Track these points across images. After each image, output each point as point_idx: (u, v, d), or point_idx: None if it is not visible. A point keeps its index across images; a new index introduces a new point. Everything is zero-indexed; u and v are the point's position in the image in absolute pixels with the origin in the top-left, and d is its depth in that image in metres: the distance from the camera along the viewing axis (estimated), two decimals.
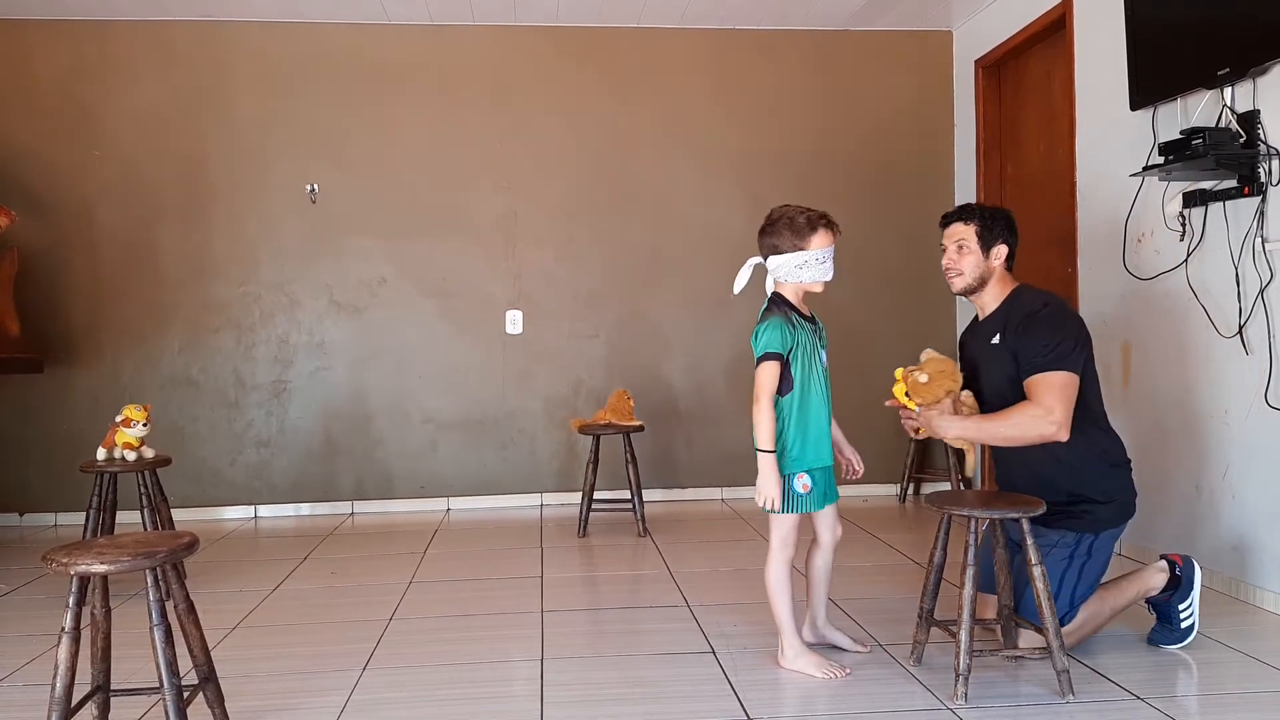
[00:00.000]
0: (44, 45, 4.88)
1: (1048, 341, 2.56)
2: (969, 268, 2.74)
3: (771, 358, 2.50)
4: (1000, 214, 2.78)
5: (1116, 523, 2.66)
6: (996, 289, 2.77)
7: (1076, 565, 2.61)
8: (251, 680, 2.60)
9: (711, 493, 5.22)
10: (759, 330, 2.54)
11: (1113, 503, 2.65)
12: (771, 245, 2.56)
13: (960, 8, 4.96)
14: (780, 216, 2.57)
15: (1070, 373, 2.55)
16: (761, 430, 2.48)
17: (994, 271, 2.75)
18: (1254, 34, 2.98)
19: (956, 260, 2.76)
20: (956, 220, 2.78)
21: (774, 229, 2.56)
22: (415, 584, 3.58)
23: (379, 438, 5.07)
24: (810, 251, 2.52)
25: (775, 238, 2.55)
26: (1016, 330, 2.64)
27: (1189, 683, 2.51)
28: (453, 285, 5.11)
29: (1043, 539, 2.61)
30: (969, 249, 2.74)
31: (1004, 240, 2.74)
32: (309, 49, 5.01)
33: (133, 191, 4.93)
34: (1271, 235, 3.03)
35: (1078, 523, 2.62)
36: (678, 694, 2.45)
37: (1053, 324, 2.60)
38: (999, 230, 2.74)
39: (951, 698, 2.34)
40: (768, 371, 2.50)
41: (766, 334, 2.52)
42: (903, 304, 5.19)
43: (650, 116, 5.19)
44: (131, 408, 3.57)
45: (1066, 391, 2.54)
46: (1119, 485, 2.67)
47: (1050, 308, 2.65)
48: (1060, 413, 2.51)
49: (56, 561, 1.99)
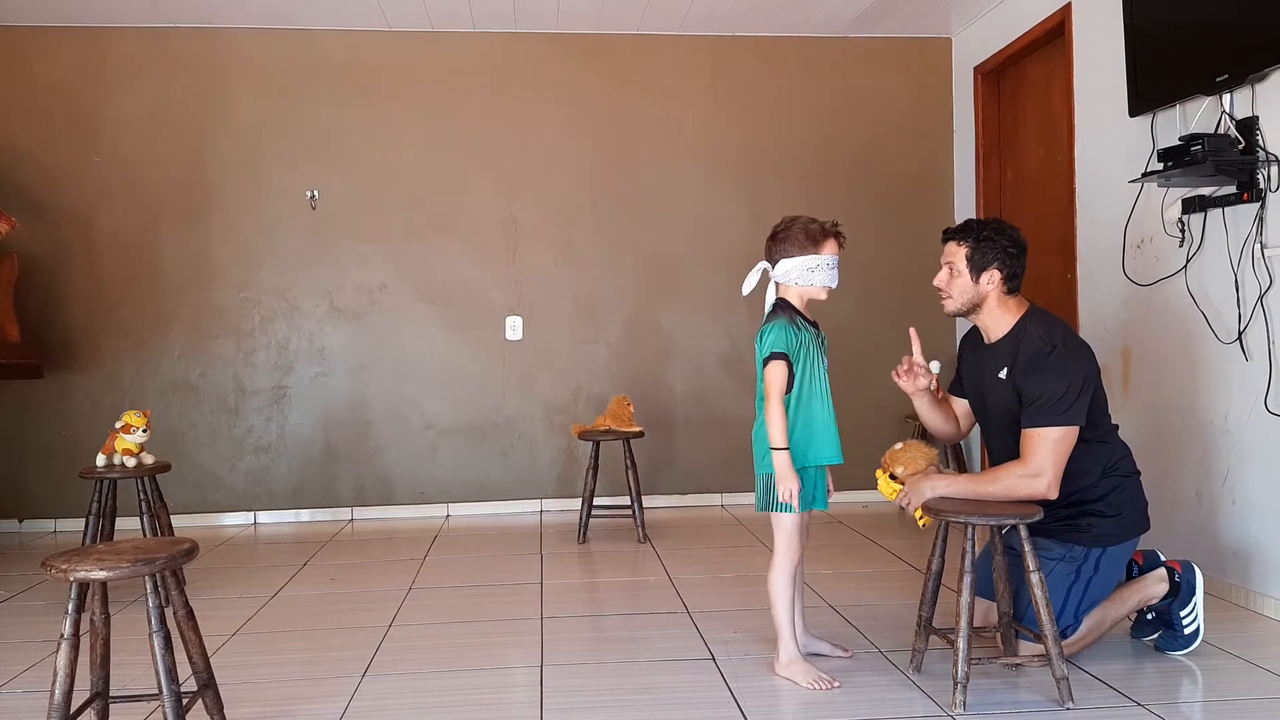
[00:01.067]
0: (44, 51, 4.89)
1: (1051, 393, 2.47)
2: (957, 292, 2.64)
3: (778, 357, 2.52)
4: (999, 235, 2.61)
5: (1125, 537, 2.62)
6: (999, 314, 2.65)
7: (1083, 580, 2.59)
8: (251, 687, 2.59)
9: (711, 499, 5.22)
10: (764, 332, 2.57)
11: (1120, 516, 2.60)
12: (783, 250, 2.58)
13: (959, 14, 4.97)
14: (794, 221, 2.61)
15: (1068, 426, 2.47)
16: (775, 428, 2.50)
17: (986, 296, 2.63)
18: (1253, 40, 2.98)
19: (947, 283, 2.66)
20: (951, 239, 2.67)
21: (787, 233, 2.58)
22: (415, 590, 3.58)
23: (379, 443, 5.07)
24: (822, 256, 2.56)
25: (788, 243, 2.58)
26: (1023, 372, 2.54)
27: (1189, 689, 2.51)
28: (453, 291, 5.11)
29: (1049, 552, 2.60)
30: (959, 272, 2.63)
31: (998, 265, 2.59)
32: (309, 55, 5.02)
33: (133, 197, 4.94)
34: (1270, 241, 3.04)
35: (1084, 537, 2.58)
36: (677, 701, 2.44)
37: (1057, 372, 2.48)
38: (993, 254, 2.59)
39: (950, 705, 2.34)
40: (777, 370, 2.52)
41: (772, 335, 2.54)
42: (902, 310, 5.17)
43: (650, 123, 5.20)
44: (131, 413, 3.58)
45: (1061, 447, 2.47)
46: (1127, 498, 2.62)
47: (1058, 351, 2.51)
48: (1052, 472, 2.46)
49: (56, 568, 1.99)
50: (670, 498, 5.19)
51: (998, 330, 2.67)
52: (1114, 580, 2.65)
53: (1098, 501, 2.60)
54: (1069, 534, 2.61)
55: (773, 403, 2.51)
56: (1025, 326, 2.62)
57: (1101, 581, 2.61)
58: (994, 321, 2.67)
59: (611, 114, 5.18)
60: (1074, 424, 2.48)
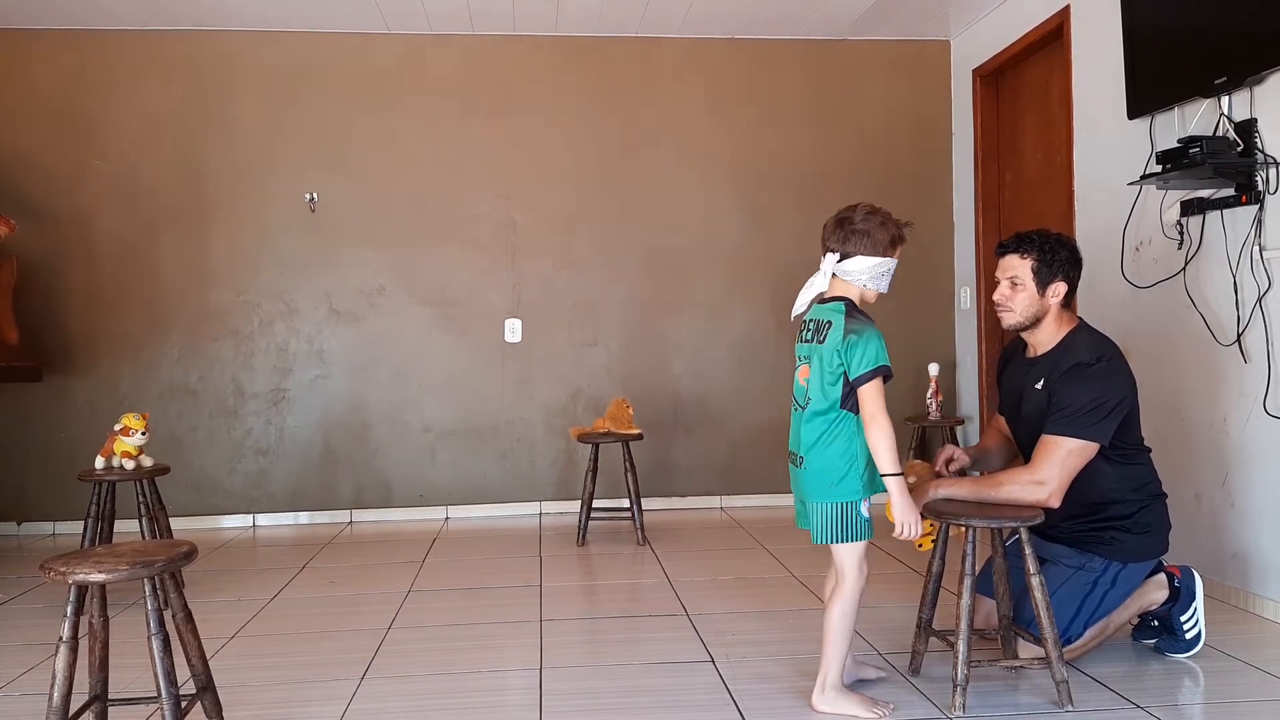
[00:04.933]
0: (44, 54, 4.89)
1: (1080, 404, 2.42)
2: (1021, 305, 2.56)
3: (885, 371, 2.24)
4: (1063, 246, 2.56)
5: (1148, 556, 2.60)
6: (1052, 328, 2.59)
7: (1099, 592, 2.57)
8: (250, 689, 2.59)
9: (710, 501, 5.21)
10: (858, 341, 2.23)
11: (1147, 534, 2.58)
12: (861, 245, 2.28)
13: (958, 17, 4.97)
14: (876, 213, 2.31)
15: (1087, 441, 2.42)
16: (890, 452, 2.24)
17: (1050, 309, 2.57)
18: (1251, 43, 2.99)
19: (1009, 297, 2.57)
20: (1012, 252, 2.58)
21: (872, 227, 2.28)
22: (414, 593, 3.58)
23: (378, 446, 5.07)
24: (894, 260, 2.33)
25: (870, 238, 2.28)
26: (1059, 380, 2.49)
27: (1189, 692, 2.51)
28: (452, 294, 5.11)
29: (1070, 560, 2.59)
30: (1023, 285, 2.55)
31: (1063, 277, 2.54)
32: (308, 58, 5.02)
33: (132, 200, 4.93)
34: (1269, 243, 3.04)
35: (1108, 550, 2.57)
36: (676, 703, 2.44)
37: (1092, 385, 2.43)
38: (1059, 266, 2.53)
39: (950, 708, 2.33)
40: (881, 388, 2.24)
41: (875, 344, 2.24)
42: (902, 313, 5.19)
43: (649, 125, 5.20)
44: (130, 416, 3.57)
45: (1072, 460, 2.42)
46: (1155, 517, 2.60)
47: (1099, 366, 2.46)
48: (1056, 482, 2.42)
49: (54, 570, 1.99)
50: (669, 500, 5.18)
51: (1047, 344, 2.61)
52: (1127, 596, 2.63)
53: (1125, 519, 2.57)
54: (1089, 544, 2.59)
55: (885, 423, 2.23)
56: (1073, 339, 2.57)
57: (1116, 596, 2.60)
58: (1047, 336, 2.61)
59: (611, 116, 5.18)
60: (1093, 440, 2.43)
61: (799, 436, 2.35)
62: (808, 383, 2.34)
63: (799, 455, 2.35)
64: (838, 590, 2.34)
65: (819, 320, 2.34)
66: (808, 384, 2.34)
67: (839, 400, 2.28)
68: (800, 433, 2.34)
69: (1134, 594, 2.70)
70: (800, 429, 2.34)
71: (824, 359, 2.28)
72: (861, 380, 2.23)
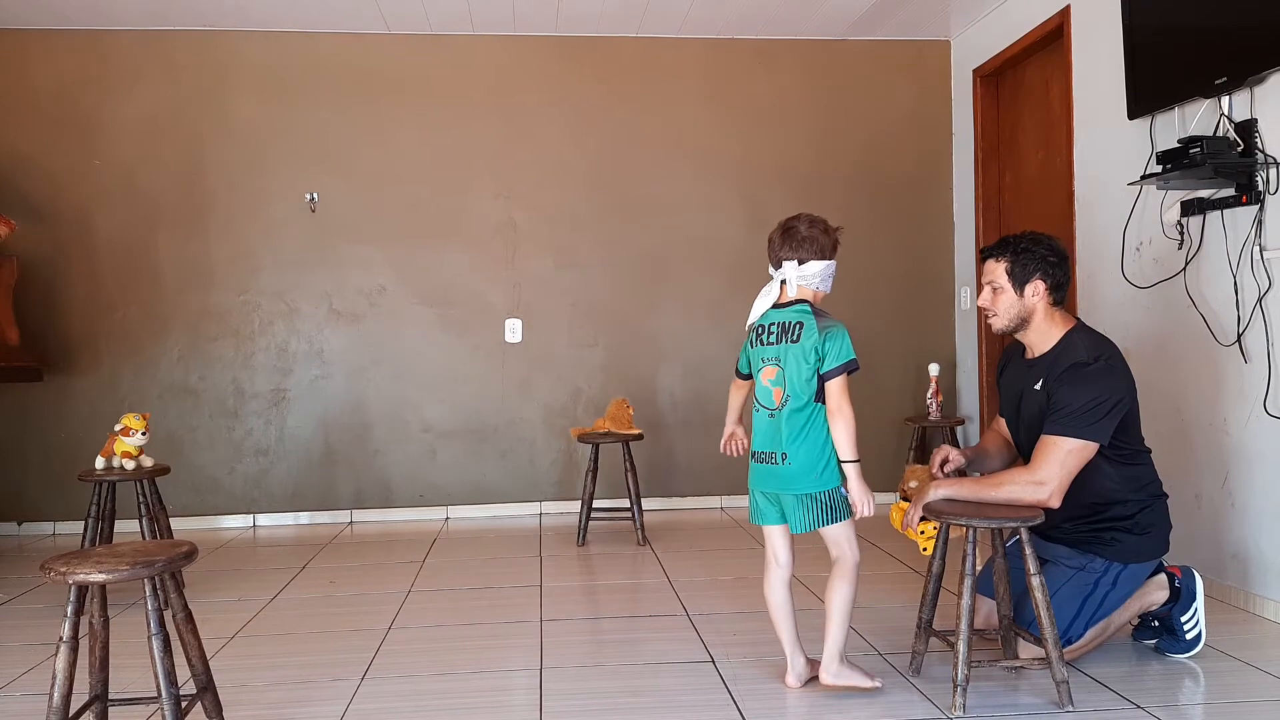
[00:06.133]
0: (43, 54, 4.89)
1: (1078, 404, 2.43)
2: (1003, 309, 2.59)
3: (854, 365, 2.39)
4: (1037, 246, 2.57)
5: (1148, 557, 2.60)
6: (1045, 328, 2.60)
7: (1100, 593, 2.57)
8: (250, 690, 2.59)
9: (710, 501, 5.21)
10: (830, 336, 2.39)
11: (1148, 535, 2.58)
12: (814, 250, 2.46)
13: (958, 17, 4.97)
14: (817, 222, 2.49)
15: (1086, 441, 2.43)
16: (852, 441, 2.37)
17: (1035, 310, 2.58)
18: (1252, 43, 2.98)
19: (992, 301, 2.61)
20: (989, 257, 2.62)
21: (818, 234, 2.47)
22: (414, 593, 3.58)
23: (378, 446, 5.07)
24: (835, 262, 2.51)
25: (816, 244, 2.46)
26: (1058, 380, 2.50)
27: (1190, 692, 2.51)
28: (452, 293, 5.11)
29: (1071, 560, 2.59)
30: (1002, 289, 2.58)
31: (1041, 275, 2.56)
32: (309, 58, 5.02)
33: (132, 200, 4.94)
34: (1269, 243, 3.04)
35: (1109, 550, 2.57)
36: (677, 703, 2.44)
37: (1091, 385, 2.45)
38: (1033, 265, 2.55)
39: (950, 708, 2.33)
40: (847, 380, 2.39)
41: (847, 339, 2.39)
42: (901, 313, 5.19)
43: (650, 125, 5.20)
44: (130, 416, 3.57)
45: (1072, 460, 2.43)
46: (1156, 518, 2.60)
47: (1097, 365, 2.48)
48: (1056, 483, 2.42)
49: (55, 570, 1.99)
50: (669, 500, 5.18)
51: (1043, 345, 2.62)
52: (1127, 597, 2.63)
53: (1126, 520, 2.57)
54: (1090, 545, 2.59)
55: (849, 412, 2.37)
56: (1071, 339, 2.58)
57: (1117, 597, 2.59)
58: (1040, 337, 2.61)
59: (611, 117, 5.18)
60: (1092, 440, 2.44)
61: (779, 435, 2.44)
62: (774, 383, 2.46)
63: (779, 453, 2.44)
64: (839, 568, 2.46)
65: (785, 322, 2.47)
66: (775, 384, 2.45)
67: (813, 395, 2.41)
68: (781, 431, 2.43)
69: (1135, 595, 2.70)
70: (780, 427, 2.44)
71: (802, 356, 2.41)
72: (834, 373, 2.38)
